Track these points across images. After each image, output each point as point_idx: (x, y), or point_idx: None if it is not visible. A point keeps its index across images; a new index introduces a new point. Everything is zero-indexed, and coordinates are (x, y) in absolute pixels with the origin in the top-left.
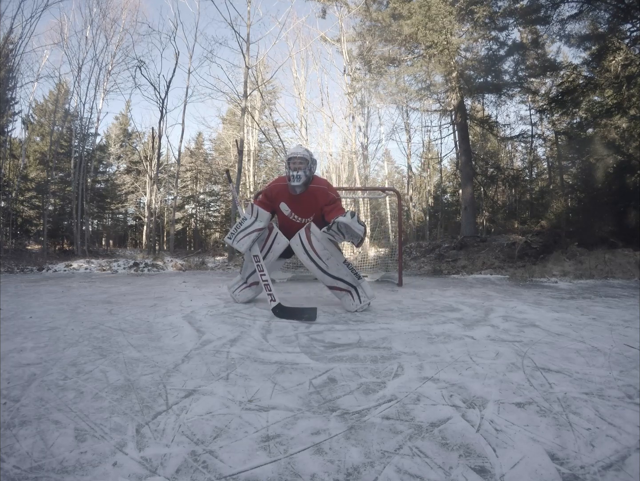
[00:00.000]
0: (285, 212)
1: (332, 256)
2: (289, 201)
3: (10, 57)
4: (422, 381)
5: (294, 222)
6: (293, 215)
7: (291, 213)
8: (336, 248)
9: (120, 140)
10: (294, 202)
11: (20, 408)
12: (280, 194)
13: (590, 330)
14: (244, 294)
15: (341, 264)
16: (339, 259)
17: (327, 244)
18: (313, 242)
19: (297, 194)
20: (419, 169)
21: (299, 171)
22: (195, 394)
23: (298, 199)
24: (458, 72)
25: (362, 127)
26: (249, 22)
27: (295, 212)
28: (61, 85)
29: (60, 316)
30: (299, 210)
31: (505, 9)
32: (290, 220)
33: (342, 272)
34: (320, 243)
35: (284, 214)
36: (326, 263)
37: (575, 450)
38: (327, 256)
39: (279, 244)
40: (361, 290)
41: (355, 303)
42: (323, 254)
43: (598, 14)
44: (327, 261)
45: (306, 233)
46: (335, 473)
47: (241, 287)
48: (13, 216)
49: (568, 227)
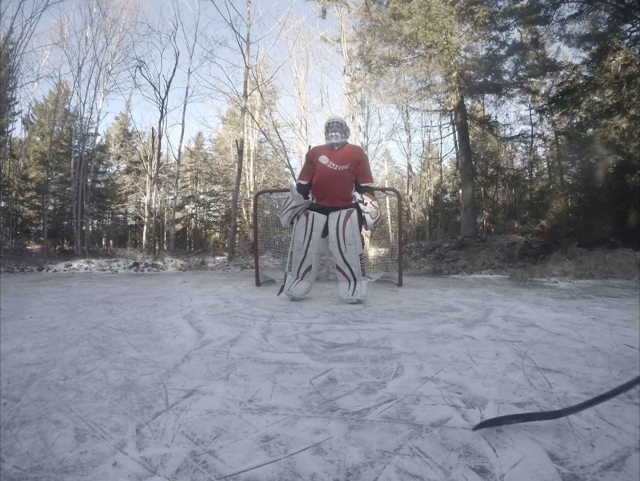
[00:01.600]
0: (324, 162)
1: (354, 244)
2: (329, 153)
3: (10, 57)
4: (422, 381)
5: (331, 170)
6: (331, 163)
7: (329, 162)
8: (361, 240)
9: (120, 140)
10: (332, 154)
11: (20, 408)
12: (320, 150)
13: (590, 330)
14: (300, 287)
15: (356, 255)
16: (357, 250)
17: (356, 232)
18: (347, 225)
19: (336, 149)
20: (419, 169)
21: (336, 132)
22: (195, 394)
23: (336, 152)
24: (458, 72)
25: (362, 127)
26: (249, 22)
27: (333, 161)
28: (61, 85)
29: (60, 316)
30: (336, 159)
31: (505, 9)
32: (328, 168)
33: (353, 261)
34: (351, 229)
35: (322, 165)
36: (346, 247)
37: (575, 450)
38: (350, 242)
39: (318, 221)
40: (359, 286)
41: (348, 293)
42: (348, 239)
43: (598, 14)
44: (348, 245)
45: (347, 215)
46: (335, 473)
47: (296, 282)
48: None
49: (568, 227)
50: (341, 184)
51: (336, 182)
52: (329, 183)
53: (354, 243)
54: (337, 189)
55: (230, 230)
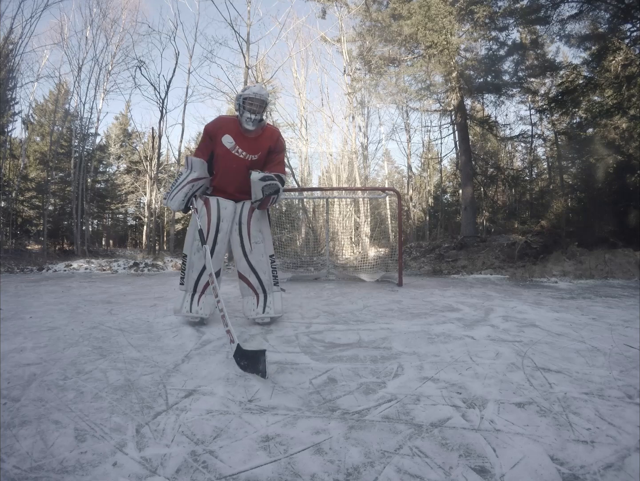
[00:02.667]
0: (227, 145)
1: (262, 242)
2: (236, 134)
3: (10, 57)
4: (422, 381)
5: (236, 157)
6: (237, 149)
7: (235, 146)
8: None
9: (120, 140)
10: (240, 137)
11: (20, 408)
12: (225, 127)
13: (590, 330)
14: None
15: (265, 257)
16: (267, 250)
17: (265, 227)
18: (252, 217)
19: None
20: (419, 169)
21: (257, 114)
22: (195, 394)
23: (246, 135)
24: (458, 72)
25: (362, 127)
26: (249, 22)
27: (241, 147)
28: (61, 85)
29: (60, 316)
30: (246, 145)
31: (505, 9)
32: (232, 155)
33: (261, 266)
34: (258, 223)
35: (225, 148)
36: (252, 246)
37: (575, 450)
38: (258, 239)
39: (226, 209)
40: (270, 299)
41: (257, 311)
42: (255, 236)
43: (598, 14)
44: (254, 244)
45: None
46: (335, 473)
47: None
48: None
49: (568, 227)
50: (246, 176)
51: (240, 173)
52: (231, 173)
53: (262, 240)
54: (239, 182)
55: None
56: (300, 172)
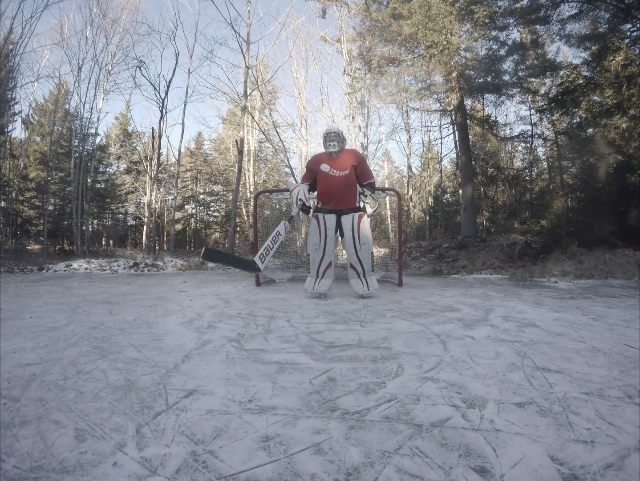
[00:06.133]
0: (325, 169)
1: (367, 243)
2: (328, 161)
3: (10, 57)
4: (422, 381)
5: (334, 176)
6: (332, 170)
7: (331, 169)
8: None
9: (120, 140)
10: (332, 162)
11: (20, 408)
12: (320, 159)
13: (590, 330)
14: (323, 284)
15: (369, 253)
16: (369, 249)
17: (369, 233)
18: (361, 226)
19: (334, 157)
20: (419, 169)
21: (334, 141)
22: (195, 394)
23: (335, 159)
24: (458, 72)
25: (362, 127)
26: (249, 22)
27: (334, 168)
28: (61, 85)
29: (60, 316)
30: (337, 166)
31: (505, 9)
32: (330, 176)
33: (366, 259)
34: (365, 230)
35: (325, 173)
36: (360, 246)
37: (575, 449)
38: (364, 241)
39: (329, 221)
40: (370, 280)
41: (364, 288)
42: (362, 239)
43: (598, 14)
44: (362, 245)
45: (359, 217)
46: (335, 473)
47: (318, 280)
48: (13, 216)
49: (568, 227)
50: (344, 188)
51: (339, 187)
52: (334, 189)
53: (367, 242)
54: (341, 193)
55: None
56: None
